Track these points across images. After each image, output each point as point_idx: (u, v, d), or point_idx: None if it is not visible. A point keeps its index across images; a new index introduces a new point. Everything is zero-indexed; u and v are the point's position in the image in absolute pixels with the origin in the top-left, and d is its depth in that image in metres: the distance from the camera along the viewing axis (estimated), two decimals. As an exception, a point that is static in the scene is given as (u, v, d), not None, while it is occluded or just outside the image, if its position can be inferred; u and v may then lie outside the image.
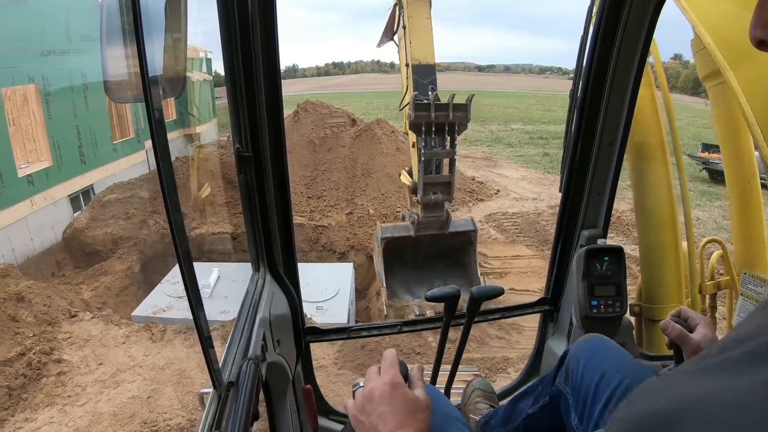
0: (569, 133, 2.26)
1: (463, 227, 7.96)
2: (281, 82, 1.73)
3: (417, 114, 6.62)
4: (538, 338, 2.66)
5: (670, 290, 2.77)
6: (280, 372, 1.80)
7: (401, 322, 2.35)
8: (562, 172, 2.36)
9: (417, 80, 7.29)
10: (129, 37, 0.91)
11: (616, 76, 2.06)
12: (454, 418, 1.41)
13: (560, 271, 2.45)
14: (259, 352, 1.50)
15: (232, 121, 1.69)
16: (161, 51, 1.08)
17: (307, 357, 2.27)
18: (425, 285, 8.24)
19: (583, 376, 1.44)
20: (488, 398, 2.23)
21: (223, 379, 1.25)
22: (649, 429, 0.43)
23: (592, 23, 2.02)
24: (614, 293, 2.20)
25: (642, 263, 2.90)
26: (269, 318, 1.70)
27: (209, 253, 11.58)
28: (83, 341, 7.46)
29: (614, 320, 2.23)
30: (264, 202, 1.79)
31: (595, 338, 1.58)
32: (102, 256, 11.71)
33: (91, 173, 14.22)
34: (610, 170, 2.23)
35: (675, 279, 2.77)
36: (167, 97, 1.11)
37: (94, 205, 13.18)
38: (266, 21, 1.60)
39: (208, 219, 12.39)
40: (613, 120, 2.14)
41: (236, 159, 1.71)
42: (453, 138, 6.94)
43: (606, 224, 2.33)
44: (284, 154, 1.82)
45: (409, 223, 7.82)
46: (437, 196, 7.24)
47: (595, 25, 2.01)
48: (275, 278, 1.93)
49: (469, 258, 8.22)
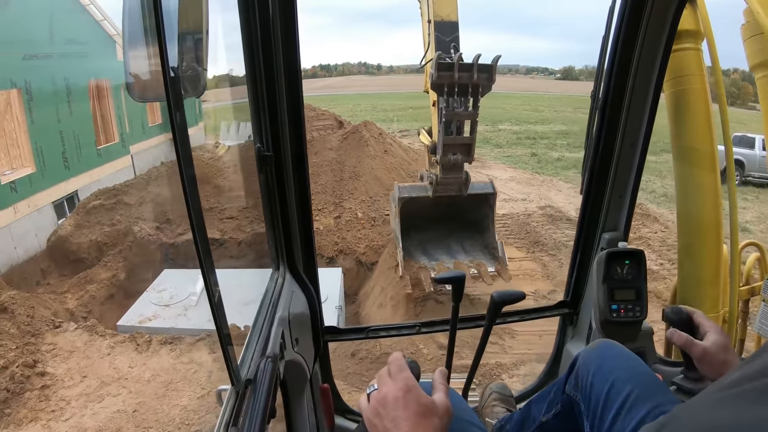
0: (590, 134, 2.29)
1: (482, 189, 7.83)
2: (302, 81, 1.79)
3: (440, 74, 6.51)
4: (557, 342, 2.71)
5: (708, 295, 2.74)
6: (297, 370, 1.86)
7: (420, 323, 2.40)
8: (583, 174, 2.40)
9: (439, 37, 7.22)
10: (150, 36, 0.93)
11: (638, 76, 2.10)
12: (470, 422, 1.45)
13: (580, 274, 2.50)
14: (278, 351, 1.55)
15: (253, 121, 1.77)
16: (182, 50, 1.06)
17: (324, 356, 2.33)
18: (442, 248, 8.18)
19: (593, 384, 1.46)
20: (505, 402, 2.28)
21: (241, 377, 1.29)
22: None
23: (613, 23, 2.04)
24: (634, 297, 2.23)
25: (680, 266, 2.87)
26: (288, 317, 1.75)
27: (196, 258, 11.43)
28: (67, 353, 7.43)
29: (634, 325, 2.27)
30: (284, 201, 1.85)
31: (605, 344, 1.61)
32: (87, 263, 11.66)
33: (75, 179, 14.12)
34: (632, 172, 2.27)
35: (714, 284, 2.75)
36: (188, 96, 1.11)
37: (79, 212, 13.08)
38: (287, 21, 1.67)
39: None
40: (635, 121, 2.18)
41: (257, 158, 1.77)
42: (476, 100, 6.82)
43: (627, 227, 2.37)
44: (305, 154, 1.89)
45: (427, 183, 7.67)
46: (457, 157, 7.12)
47: (616, 25, 2.06)
48: (294, 277, 2.00)
49: (488, 221, 8.13)
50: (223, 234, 12.26)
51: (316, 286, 2.08)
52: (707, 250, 2.71)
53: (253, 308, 1.71)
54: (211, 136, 21.16)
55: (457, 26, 7.34)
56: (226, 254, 11.71)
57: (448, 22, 7.27)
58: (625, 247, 2.27)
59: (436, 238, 8.30)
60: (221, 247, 11.89)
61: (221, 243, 12.02)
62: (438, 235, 8.30)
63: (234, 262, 11.42)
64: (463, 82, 6.59)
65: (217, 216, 12.85)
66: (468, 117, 6.97)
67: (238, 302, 1.71)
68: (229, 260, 11.45)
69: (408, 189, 7.83)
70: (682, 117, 2.58)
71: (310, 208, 1.98)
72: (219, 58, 2.83)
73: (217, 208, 13.11)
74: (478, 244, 8.20)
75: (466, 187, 7.53)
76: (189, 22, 1.15)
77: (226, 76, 8.28)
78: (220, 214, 12.90)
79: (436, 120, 7.38)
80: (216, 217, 12.81)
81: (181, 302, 8.64)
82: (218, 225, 12.51)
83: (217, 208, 13.12)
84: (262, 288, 1.86)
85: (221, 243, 12.02)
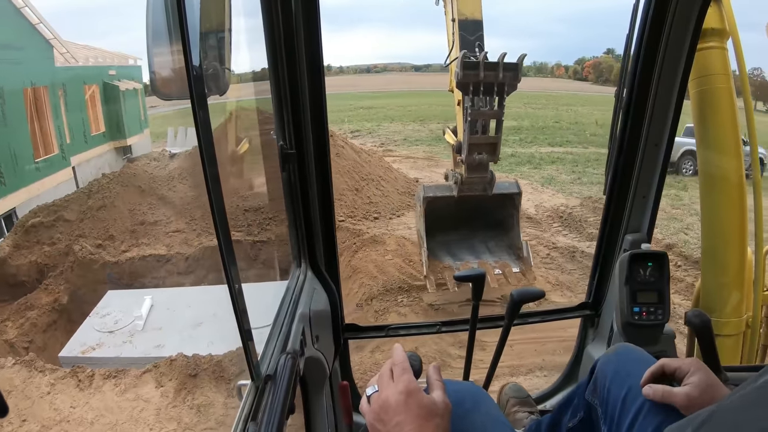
0: (614, 134, 2.27)
1: (507, 189, 7.80)
2: (325, 78, 1.80)
3: (465, 73, 6.48)
4: (578, 344, 2.70)
5: (731, 300, 2.71)
6: (317, 367, 1.87)
7: (440, 322, 2.41)
8: (606, 174, 2.39)
9: (463, 36, 7.23)
10: (174, 34, 0.94)
11: (663, 76, 2.08)
12: (503, 423, 1.43)
13: (602, 276, 2.48)
14: (298, 347, 1.56)
15: (276, 119, 1.79)
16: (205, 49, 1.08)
17: (344, 353, 2.35)
18: (466, 248, 8.15)
19: (610, 389, 1.44)
20: (525, 404, 2.28)
21: (261, 372, 1.31)
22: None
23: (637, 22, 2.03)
24: (657, 300, 2.21)
25: (703, 269, 2.84)
26: (309, 313, 1.77)
27: (142, 278, 10.73)
28: (5, 393, 6.44)
29: (656, 328, 2.25)
30: (306, 198, 1.87)
31: (623, 349, 1.59)
32: (28, 287, 10.58)
33: (12, 196, 13.25)
34: (656, 173, 2.25)
35: (737, 288, 2.71)
36: (212, 94, 1.13)
37: (17, 231, 11.86)
38: (309, 17, 1.68)
39: (140, 241, 11.57)
40: (660, 121, 2.15)
41: (279, 156, 1.79)
42: (501, 98, 6.80)
43: (651, 229, 2.35)
44: (327, 151, 1.90)
45: (452, 183, 7.65)
46: (482, 157, 7.09)
47: (640, 24, 2.04)
48: (316, 275, 2.02)
49: (513, 221, 8.08)
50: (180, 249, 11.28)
51: (338, 284, 2.09)
52: (731, 254, 2.67)
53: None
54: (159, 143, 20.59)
55: (482, 25, 7.34)
56: (177, 270, 10.89)
57: (471, 21, 7.28)
58: (648, 249, 2.26)
59: (461, 238, 8.27)
60: (169, 264, 10.98)
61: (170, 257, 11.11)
62: (462, 235, 8.27)
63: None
64: (488, 80, 6.55)
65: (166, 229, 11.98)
66: (493, 116, 6.94)
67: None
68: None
69: (433, 189, 7.80)
70: (706, 117, 2.55)
71: (333, 205, 1.99)
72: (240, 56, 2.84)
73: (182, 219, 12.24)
74: (503, 244, 8.15)
75: (491, 186, 7.51)
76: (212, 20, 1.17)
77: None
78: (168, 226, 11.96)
79: (461, 119, 7.36)
80: (165, 230, 11.96)
81: (126, 327, 8.09)
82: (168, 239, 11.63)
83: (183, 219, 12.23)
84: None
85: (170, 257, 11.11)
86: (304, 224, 1.91)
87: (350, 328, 2.28)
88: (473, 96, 6.69)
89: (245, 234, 11.29)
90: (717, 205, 2.67)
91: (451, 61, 7.42)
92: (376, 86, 60.44)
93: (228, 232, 1.11)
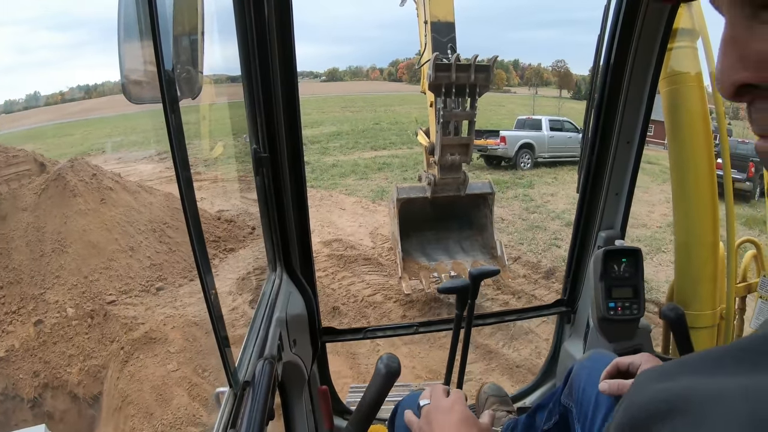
0: (587, 132, 2.30)
1: (481, 189, 7.92)
2: (298, 82, 1.80)
3: (437, 74, 6.58)
4: (555, 341, 2.74)
5: (704, 293, 2.77)
6: (295, 372, 1.87)
7: (417, 323, 2.43)
8: (579, 173, 2.42)
9: (436, 38, 7.32)
10: (146, 37, 0.92)
11: (634, 74, 2.12)
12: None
13: (577, 273, 2.52)
14: (275, 352, 1.55)
15: (249, 122, 1.77)
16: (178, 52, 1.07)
17: (322, 357, 2.35)
18: (440, 248, 8.22)
19: (585, 390, 1.49)
20: (504, 403, 2.30)
21: (239, 379, 1.30)
22: (644, 422, 0.43)
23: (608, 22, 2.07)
24: (632, 295, 2.25)
25: (676, 263, 2.91)
26: (285, 318, 1.76)
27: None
28: None
29: (632, 322, 2.28)
30: (281, 202, 1.86)
31: (597, 354, 1.63)
32: None
33: None
34: (628, 170, 2.29)
35: (710, 281, 2.78)
36: (184, 97, 1.11)
37: None
38: (282, 20, 1.68)
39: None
40: (631, 119, 2.20)
41: (253, 160, 1.77)
42: (474, 99, 6.93)
43: (624, 225, 2.39)
44: (301, 155, 1.91)
45: (425, 184, 7.75)
46: (455, 157, 7.21)
47: (611, 23, 2.08)
48: (292, 278, 2.00)
49: (486, 221, 8.17)
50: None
51: (314, 287, 2.09)
52: (704, 248, 2.75)
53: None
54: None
55: (454, 27, 7.43)
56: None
57: (444, 23, 7.37)
58: (622, 245, 2.29)
59: (435, 239, 8.35)
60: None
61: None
62: (437, 236, 8.36)
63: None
64: (460, 82, 6.66)
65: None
66: (466, 117, 7.05)
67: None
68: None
69: (406, 190, 7.87)
70: (677, 114, 2.61)
71: (307, 208, 2.00)
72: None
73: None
74: (477, 244, 8.24)
75: (464, 187, 7.61)
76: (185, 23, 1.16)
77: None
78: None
79: (433, 121, 7.44)
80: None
81: None
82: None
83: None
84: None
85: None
86: (278, 228, 1.89)
87: (327, 331, 2.28)
88: (446, 97, 6.79)
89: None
90: (689, 201, 2.73)
91: (424, 63, 7.49)
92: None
93: (202, 239, 1.10)
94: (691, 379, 0.42)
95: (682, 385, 0.42)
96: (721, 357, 0.42)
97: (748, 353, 0.40)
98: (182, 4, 1.12)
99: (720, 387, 0.38)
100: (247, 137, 1.81)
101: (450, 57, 6.74)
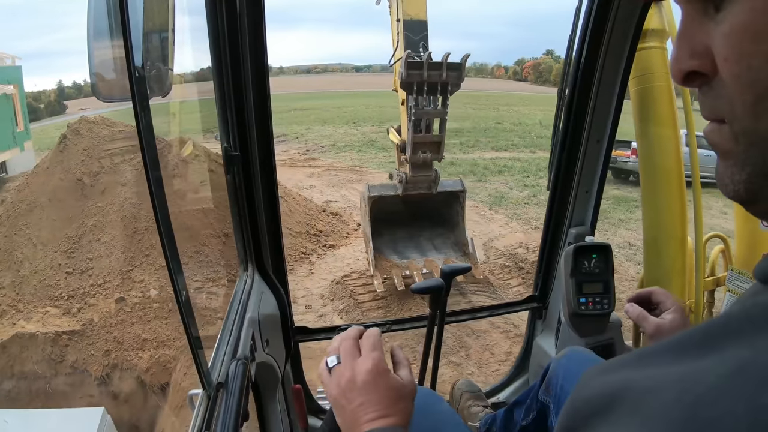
0: (557, 131, 2.33)
1: (452, 187, 7.91)
2: (269, 80, 1.79)
3: (409, 72, 6.57)
4: (527, 336, 2.77)
5: (674, 287, 2.84)
6: (269, 372, 1.86)
7: (390, 321, 2.42)
8: (549, 170, 2.44)
9: (408, 36, 7.32)
10: (116, 34, 0.91)
11: (604, 74, 2.15)
12: (457, 424, 1.45)
13: (548, 269, 2.56)
14: (248, 353, 1.54)
15: (220, 121, 1.75)
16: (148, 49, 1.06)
17: (296, 357, 2.33)
18: (412, 246, 8.23)
19: (563, 386, 1.52)
20: (479, 398, 2.32)
21: (212, 380, 1.28)
22: (587, 415, 0.44)
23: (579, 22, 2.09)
24: (602, 290, 2.28)
25: (646, 258, 2.97)
26: (258, 318, 1.75)
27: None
28: None
29: (602, 317, 2.31)
30: (252, 201, 1.85)
31: (573, 352, 1.66)
32: None
33: None
34: (598, 168, 2.33)
35: (679, 275, 2.84)
36: (154, 95, 1.10)
37: None
38: (254, 17, 1.66)
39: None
40: (601, 118, 2.23)
41: (224, 158, 1.76)
42: (445, 98, 6.95)
43: (594, 222, 2.43)
44: (272, 154, 1.88)
45: (396, 182, 7.73)
46: (426, 155, 7.21)
47: (582, 23, 2.10)
48: (264, 278, 1.99)
49: (458, 218, 8.19)
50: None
51: (286, 287, 2.08)
52: (672, 243, 2.81)
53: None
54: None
55: (426, 25, 7.44)
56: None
57: (416, 21, 7.37)
58: (592, 241, 2.33)
59: (407, 236, 8.36)
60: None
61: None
62: (409, 234, 8.36)
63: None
64: (432, 80, 6.67)
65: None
66: (437, 115, 7.07)
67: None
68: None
69: (378, 188, 7.85)
70: (646, 114, 2.66)
71: (279, 207, 1.98)
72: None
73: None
74: (449, 242, 8.25)
75: (435, 184, 7.61)
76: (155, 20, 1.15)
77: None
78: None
79: (405, 118, 7.44)
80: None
81: None
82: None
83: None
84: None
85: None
86: (249, 227, 1.88)
87: (300, 330, 2.27)
88: (417, 95, 6.79)
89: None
90: (658, 197, 2.79)
91: (396, 61, 7.48)
92: (316, 87, 59.77)
93: (173, 239, 1.08)
94: (632, 371, 0.44)
95: (623, 377, 0.43)
96: (664, 349, 0.44)
97: (687, 345, 0.41)
98: (153, 1, 1.11)
99: (658, 377, 0.40)
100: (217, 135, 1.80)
101: (422, 55, 6.75)
